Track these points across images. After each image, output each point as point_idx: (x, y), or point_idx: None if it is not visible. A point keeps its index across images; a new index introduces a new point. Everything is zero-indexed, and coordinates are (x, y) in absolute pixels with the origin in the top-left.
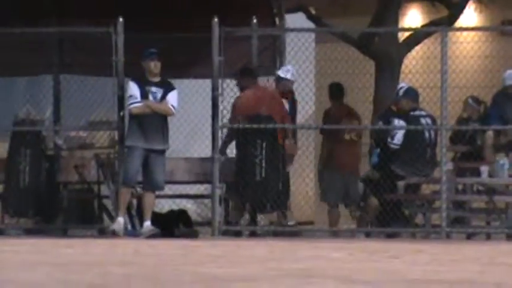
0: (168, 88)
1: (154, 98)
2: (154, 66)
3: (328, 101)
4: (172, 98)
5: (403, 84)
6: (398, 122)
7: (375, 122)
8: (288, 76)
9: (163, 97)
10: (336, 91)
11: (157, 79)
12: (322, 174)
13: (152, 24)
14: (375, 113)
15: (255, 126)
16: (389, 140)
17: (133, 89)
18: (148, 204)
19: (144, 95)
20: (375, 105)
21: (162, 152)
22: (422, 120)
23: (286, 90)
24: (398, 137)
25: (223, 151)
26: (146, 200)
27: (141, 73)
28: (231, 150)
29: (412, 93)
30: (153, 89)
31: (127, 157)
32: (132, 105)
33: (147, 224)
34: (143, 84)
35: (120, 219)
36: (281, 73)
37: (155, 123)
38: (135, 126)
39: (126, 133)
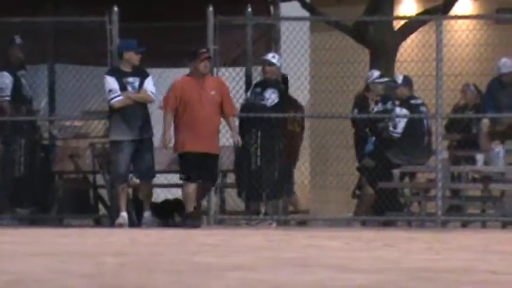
0: (143, 76)
1: (133, 88)
2: (138, 59)
3: (325, 89)
4: (149, 84)
5: (375, 73)
6: (400, 111)
7: (351, 110)
8: (275, 61)
9: (141, 85)
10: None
11: (130, 68)
12: None
13: (146, 14)
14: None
15: (251, 115)
16: (391, 128)
17: (111, 82)
18: (146, 195)
19: (122, 87)
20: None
21: (149, 140)
22: (422, 109)
23: (273, 77)
24: (401, 125)
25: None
26: (143, 191)
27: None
28: (227, 139)
29: (409, 81)
30: (130, 79)
31: (116, 152)
32: (113, 100)
33: (148, 214)
34: (120, 76)
35: (124, 214)
36: (269, 57)
37: (137, 113)
38: (119, 119)
39: (111, 128)
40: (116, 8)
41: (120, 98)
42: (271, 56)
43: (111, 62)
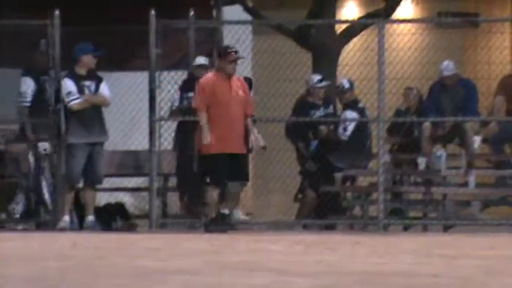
0: (98, 79)
1: (90, 91)
2: (94, 62)
3: (268, 92)
4: (105, 88)
5: (316, 77)
6: (350, 114)
7: (291, 115)
8: (207, 63)
9: (97, 89)
10: None
11: (86, 72)
12: None
13: (89, 17)
14: None
15: (192, 118)
16: (340, 131)
17: (69, 85)
18: (90, 199)
19: (80, 90)
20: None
21: (101, 144)
22: (367, 112)
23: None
24: (350, 128)
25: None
26: (88, 195)
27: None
28: (169, 143)
29: (353, 85)
30: (87, 82)
31: (70, 155)
32: (72, 102)
33: (91, 218)
34: (77, 79)
35: (67, 218)
36: (202, 61)
37: (94, 116)
38: (76, 122)
39: (67, 131)
40: (57, 12)
41: (79, 100)
42: (203, 60)
43: (53, 65)
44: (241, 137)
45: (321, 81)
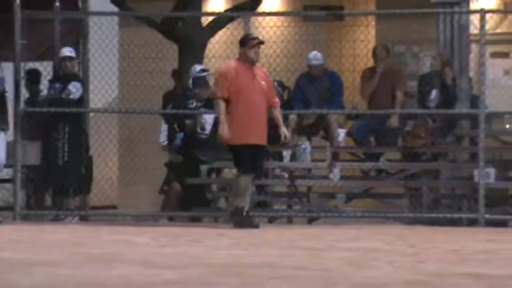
0: None
1: None
2: None
3: (133, 85)
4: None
5: (198, 67)
6: (205, 111)
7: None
8: (73, 55)
9: None
10: None
11: None
12: None
13: None
14: None
15: (59, 110)
16: (199, 130)
17: None
18: None
19: None
20: (178, 88)
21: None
22: None
23: (72, 70)
24: (208, 127)
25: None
26: None
27: None
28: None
29: (202, 80)
30: None
31: None
32: None
33: None
34: None
35: None
36: (68, 52)
37: None
38: None
39: None
40: None
41: None
42: (69, 51)
43: None
44: (263, 128)
45: (203, 71)
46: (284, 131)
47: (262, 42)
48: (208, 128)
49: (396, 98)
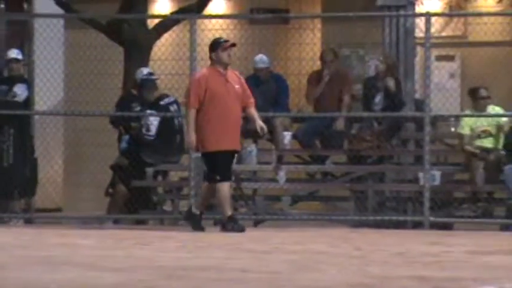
0: None
1: None
2: None
3: (78, 87)
4: None
5: (145, 70)
6: (150, 114)
7: (115, 109)
8: (20, 57)
9: None
10: None
11: None
12: None
13: None
14: None
15: (4, 112)
16: (144, 131)
17: None
18: None
19: None
20: (124, 92)
21: None
22: (171, 108)
23: (19, 73)
24: (153, 128)
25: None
26: None
27: None
28: None
29: (150, 83)
30: None
31: None
32: None
33: None
34: None
35: None
36: (15, 54)
37: None
38: None
39: None
40: None
41: None
42: (16, 53)
43: None
44: (237, 133)
45: (150, 74)
46: (260, 123)
47: (234, 45)
48: (153, 129)
49: (343, 101)
